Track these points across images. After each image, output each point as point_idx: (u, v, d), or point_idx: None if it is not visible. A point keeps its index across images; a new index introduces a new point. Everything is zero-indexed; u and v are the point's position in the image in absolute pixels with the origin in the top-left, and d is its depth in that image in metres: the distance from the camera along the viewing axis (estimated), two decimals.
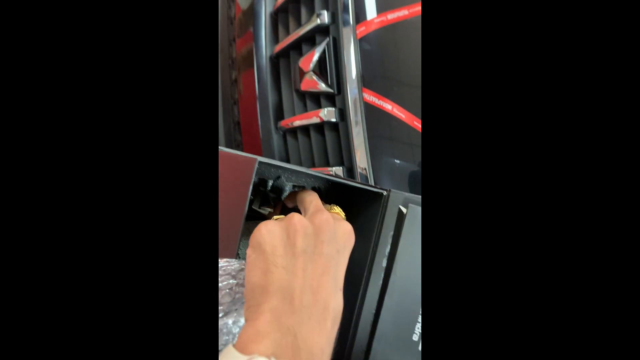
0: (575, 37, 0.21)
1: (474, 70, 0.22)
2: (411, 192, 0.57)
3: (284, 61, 0.62)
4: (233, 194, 0.25)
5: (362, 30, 0.53)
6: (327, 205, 0.31)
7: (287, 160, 0.63)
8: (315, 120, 0.56)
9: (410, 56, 0.56)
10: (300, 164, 0.60)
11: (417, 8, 0.57)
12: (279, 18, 0.64)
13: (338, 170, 0.54)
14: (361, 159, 0.53)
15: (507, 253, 0.21)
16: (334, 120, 0.54)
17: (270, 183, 0.31)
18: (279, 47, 0.62)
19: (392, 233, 0.26)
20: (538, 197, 0.21)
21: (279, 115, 0.63)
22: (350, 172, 0.54)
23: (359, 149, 0.53)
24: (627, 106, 0.21)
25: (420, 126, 0.55)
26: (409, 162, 0.55)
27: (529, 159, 0.21)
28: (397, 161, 0.54)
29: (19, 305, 0.21)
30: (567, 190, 0.21)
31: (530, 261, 0.21)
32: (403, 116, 0.54)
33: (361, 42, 0.53)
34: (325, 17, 0.55)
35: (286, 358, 0.23)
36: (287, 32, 0.63)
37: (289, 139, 0.62)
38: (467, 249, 0.21)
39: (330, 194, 0.37)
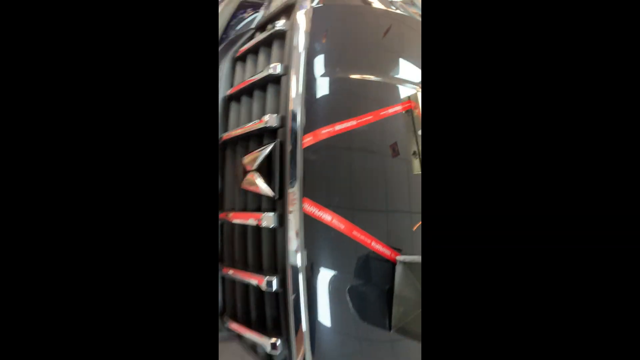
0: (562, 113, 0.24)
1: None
2: (350, 299, 0.55)
3: (230, 151, 0.61)
4: None
5: (308, 140, 0.53)
6: None
7: (221, 255, 0.59)
8: (253, 222, 0.54)
9: (355, 166, 0.57)
10: (233, 263, 0.57)
11: (367, 118, 0.59)
12: (231, 105, 0.64)
13: (271, 279, 0.52)
14: (295, 270, 0.51)
15: None
16: (272, 226, 0.52)
17: None
18: (226, 137, 0.60)
19: None
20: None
21: (219, 204, 0.60)
22: (283, 282, 0.52)
23: (294, 259, 0.51)
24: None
25: (359, 236, 0.55)
26: (344, 273, 0.54)
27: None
28: (333, 272, 0.53)
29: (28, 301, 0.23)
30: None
31: None
32: (342, 227, 0.54)
33: (306, 151, 0.53)
34: (273, 120, 0.54)
35: None
36: (238, 122, 0.62)
37: (225, 232, 0.59)
38: None
39: None
